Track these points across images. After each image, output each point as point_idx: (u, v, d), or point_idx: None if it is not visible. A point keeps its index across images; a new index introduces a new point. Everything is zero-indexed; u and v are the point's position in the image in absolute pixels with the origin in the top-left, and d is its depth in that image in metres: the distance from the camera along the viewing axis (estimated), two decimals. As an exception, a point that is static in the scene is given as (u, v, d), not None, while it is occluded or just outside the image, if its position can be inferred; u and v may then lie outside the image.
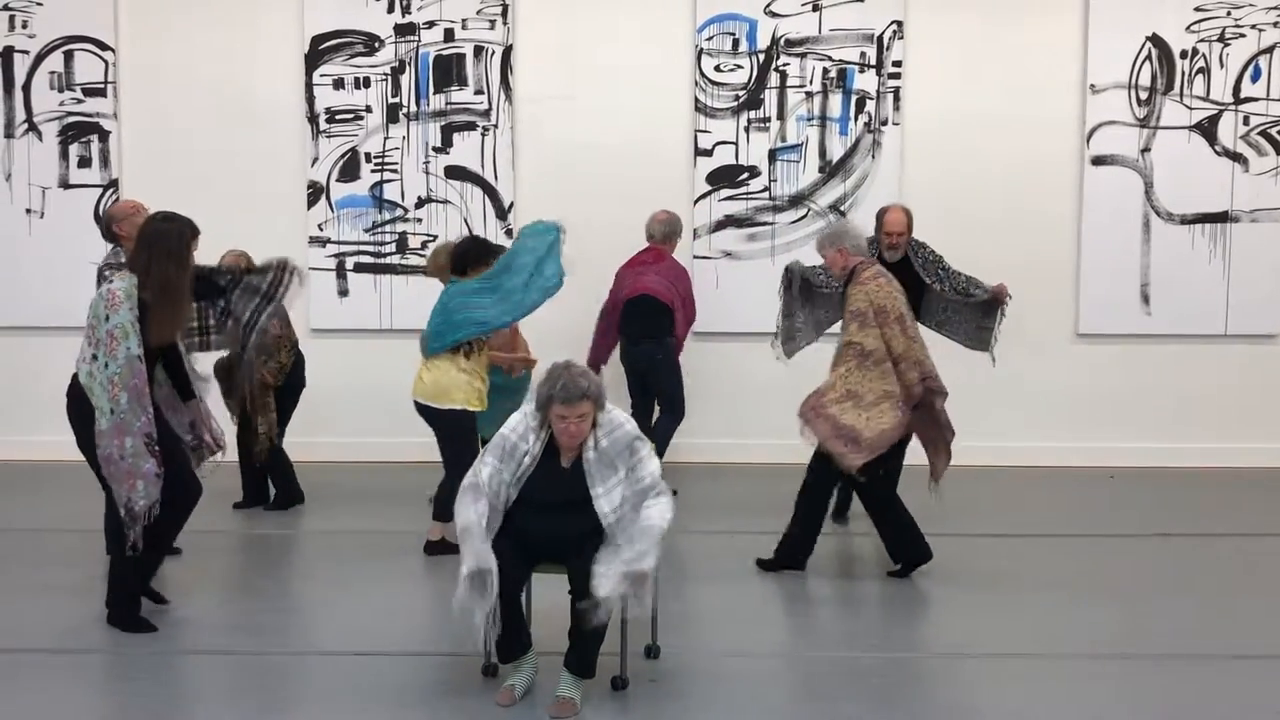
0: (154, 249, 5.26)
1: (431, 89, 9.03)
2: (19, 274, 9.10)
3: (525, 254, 6.30)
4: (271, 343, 7.30)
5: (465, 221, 8.99)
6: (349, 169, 9.08)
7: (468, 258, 6.56)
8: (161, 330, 5.31)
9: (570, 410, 4.53)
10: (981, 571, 6.42)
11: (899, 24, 8.91)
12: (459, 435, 6.36)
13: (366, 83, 9.03)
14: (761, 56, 8.97)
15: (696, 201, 8.94)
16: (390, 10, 8.98)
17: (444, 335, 6.38)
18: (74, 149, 9.10)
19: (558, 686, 4.52)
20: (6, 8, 9.01)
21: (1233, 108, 8.95)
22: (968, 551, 6.70)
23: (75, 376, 5.33)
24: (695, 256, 8.83)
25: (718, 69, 8.99)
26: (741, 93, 9.00)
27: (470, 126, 9.05)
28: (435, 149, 9.06)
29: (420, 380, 6.49)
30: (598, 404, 4.61)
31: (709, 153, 9.01)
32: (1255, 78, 8.96)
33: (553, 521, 4.58)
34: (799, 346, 7.09)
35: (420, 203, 9.07)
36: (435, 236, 8.82)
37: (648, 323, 7.78)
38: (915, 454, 7.12)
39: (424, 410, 6.48)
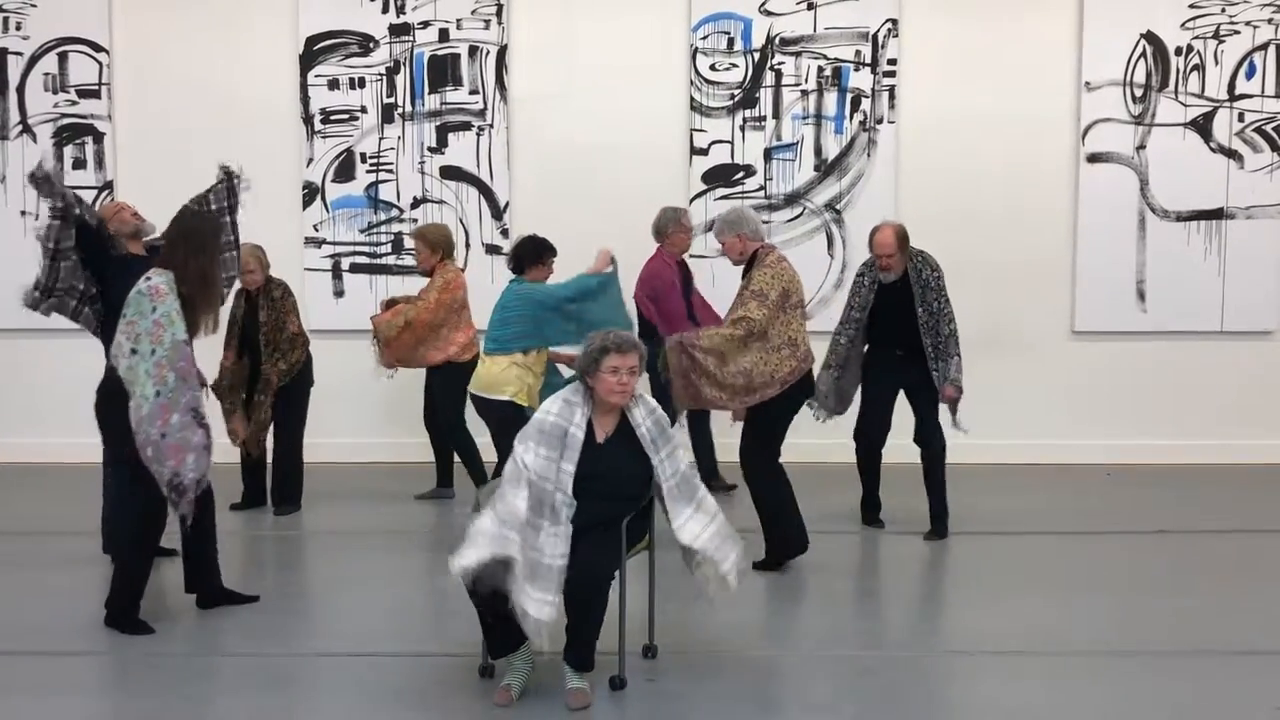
0: (190, 244, 5.36)
1: (426, 89, 9.02)
2: (13, 276, 9.01)
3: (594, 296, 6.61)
4: (287, 341, 7.28)
5: (461, 222, 8.99)
6: (344, 169, 9.07)
7: (525, 257, 6.75)
8: (200, 321, 5.41)
9: (624, 360, 4.62)
10: (978, 569, 6.42)
11: (894, 22, 8.91)
12: (506, 429, 6.33)
13: (361, 83, 9.02)
14: (757, 55, 8.97)
15: (692, 200, 8.93)
16: (385, 10, 8.97)
17: (501, 340, 6.59)
18: (68, 151, 9.09)
19: (566, 679, 4.55)
20: (0, 9, 9.00)
21: (1228, 104, 8.96)
22: (964, 549, 6.71)
23: (108, 375, 5.34)
24: (691, 255, 8.80)
25: (713, 68, 8.99)
26: (737, 91, 9.00)
27: (465, 126, 9.04)
28: (430, 149, 9.05)
29: (477, 374, 6.69)
30: (643, 359, 4.73)
31: (704, 151, 9.01)
32: (1250, 74, 8.96)
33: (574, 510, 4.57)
34: (849, 399, 7.08)
35: (416, 203, 9.06)
36: (431, 237, 8.81)
37: (643, 327, 7.76)
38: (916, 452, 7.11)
39: (476, 401, 6.57)
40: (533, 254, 6.71)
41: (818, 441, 7.18)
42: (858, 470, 7.14)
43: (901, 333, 6.81)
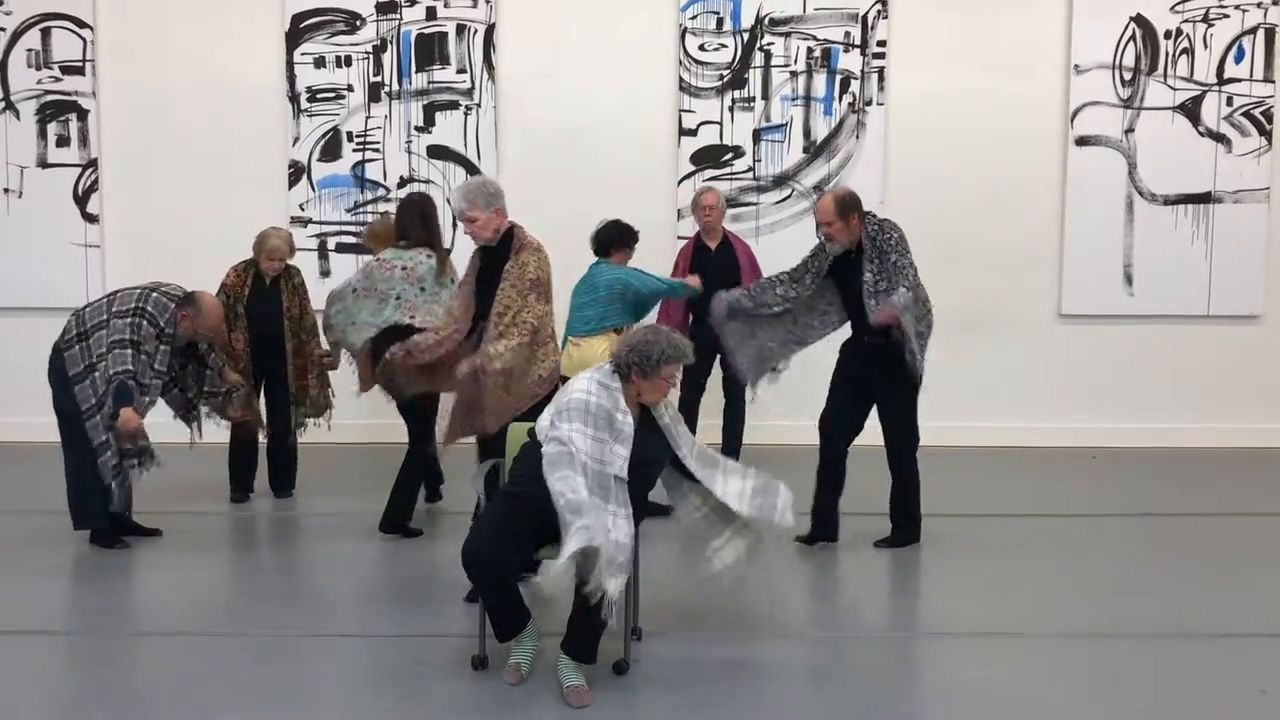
0: (425, 217, 6.44)
1: (413, 68, 8.98)
2: (-4, 253, 9.04)
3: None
4: (309, 328, 7.25)
5: (448, 201, 8.95)
6: (330, 148, 9.02)
7: (610, 240, 7.01)
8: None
9: (679, 367, 4.64)
10: (963, 552, 6.42)
11: (883, 3, 8.88)
12: None
13: (348, 61, 8.97)
14: (746, 36, 8.94)
15: (681, 182, 8.91)
16: (372, -12, 8.93)
17: (605, 318, 6.81)
18: (52, 128, 9.02)
19: (561, 674, 4.44)
20: (-18, -16, 8.94)
21: (1216, 89, 8.96)
22: (950, 532, 6.71)
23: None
24: (679, 237, 8.79)
25: (702, 48, 8.95)
26: (726, 72, 8.97)
27: (453, 105, 9.00)
28: (417, 128, 9.01)
29: (568, 356, 6.74)
30: None
31: (693, 132, 8.99)
32: (1239, 59, 8.97)
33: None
34: (770, 369, 6.42)
35: (402, 182, 9.02)
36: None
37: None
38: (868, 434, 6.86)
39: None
40: (619, 239, 6.99)
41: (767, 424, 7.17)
42: (816, 473, 6.37)
43: (861, 310, 6.11)
